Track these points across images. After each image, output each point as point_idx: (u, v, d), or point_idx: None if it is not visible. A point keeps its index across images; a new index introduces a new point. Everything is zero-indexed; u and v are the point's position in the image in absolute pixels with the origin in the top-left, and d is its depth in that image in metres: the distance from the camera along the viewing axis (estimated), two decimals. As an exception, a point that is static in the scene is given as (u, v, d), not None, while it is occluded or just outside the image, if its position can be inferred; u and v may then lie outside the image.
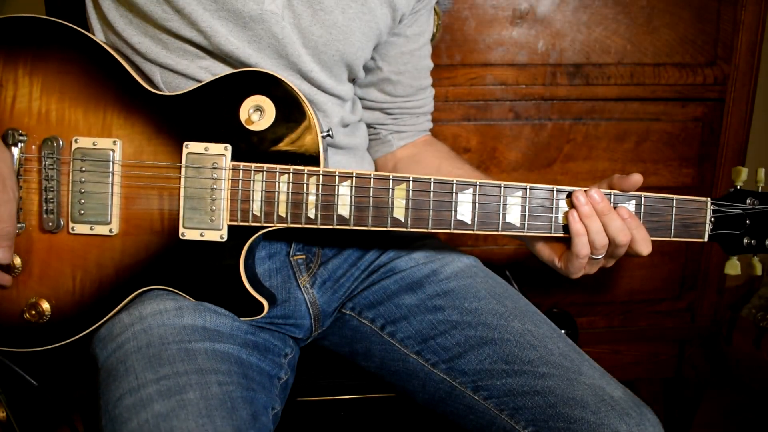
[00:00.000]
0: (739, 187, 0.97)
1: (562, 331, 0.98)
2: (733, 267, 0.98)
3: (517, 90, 1.57)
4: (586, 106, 1.60)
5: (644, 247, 0.92)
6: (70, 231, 0.91)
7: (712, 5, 1.56)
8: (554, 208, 0.93)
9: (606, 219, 0.90)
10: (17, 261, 0.92)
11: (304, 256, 1.06)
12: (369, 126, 1.19)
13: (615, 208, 0.92)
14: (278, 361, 0.98)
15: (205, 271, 0.91)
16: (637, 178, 0.93)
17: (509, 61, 1.56)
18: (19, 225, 0.91)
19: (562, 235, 0.93)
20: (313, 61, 0.98)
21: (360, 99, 1.16)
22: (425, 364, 0.98)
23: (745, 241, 0.96)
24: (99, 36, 0.99)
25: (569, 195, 0.92)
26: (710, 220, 0.95)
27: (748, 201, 0.96)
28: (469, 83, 1.56)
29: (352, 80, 1.09)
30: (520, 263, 1.69)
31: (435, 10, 1.39)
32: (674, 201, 0.94)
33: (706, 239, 0.96)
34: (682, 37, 1.58)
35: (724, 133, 1.65)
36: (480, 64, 1.55)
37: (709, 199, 0.95)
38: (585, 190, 0.91)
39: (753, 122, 1.67)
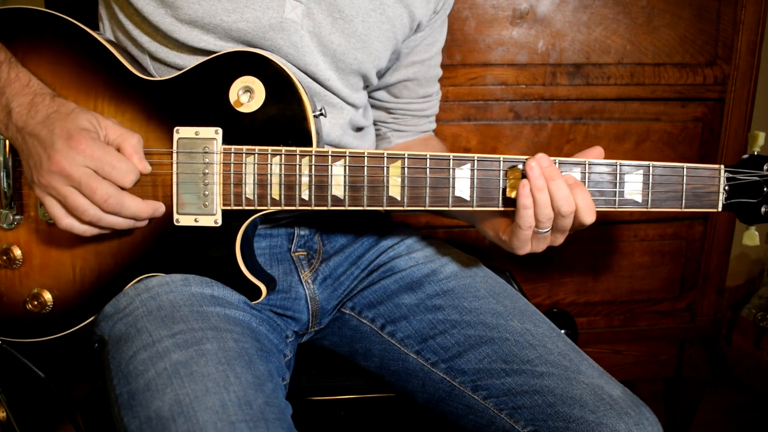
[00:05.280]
0: (755, 153, 0.90)
1: (562, 331, 0.98)
2: (751, 237, 0.93)
3: (517, 90, 1.57)
4: (586, 106, 1.60)
5: (587, 216, 0.86)
6: None
7: (712, 5, 1.56)
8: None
9: (553, 186, 0.84)
10: (18, 253, 0.92)
11: (305, 253, 1.06)
12: None
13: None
14: (282, 338, 0.99)
15: (202, 257, 0.91)
16: (598, 152, 0.89)
17: (509, 61, 1.56)
18: (17, 217, 0.91)
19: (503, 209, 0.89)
20: (330, 69, 0.97)
21: None
22: (425, 364, 0.99)
23: (764, 209, 0.90)
24: (107, 31, 0.99)
25: (513, 166, 0.87)
26: (724, 189, 0.90)
27: (765, 167, 0.90)
28: (469, 83, 1.56)
29: (365, 87, 1.09)
30: (521, 263, 1.69)
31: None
32: (684, 169, 0.89)
33: (719, 209, 0.90)
34: (682, 37, 1.57)
35: (724, 133, 1.65)
36: (480, 64, 1.55)
37: (722, 166, 0.89)
38: (534, 158, 0.85)
39: (753, 122, 1.66)
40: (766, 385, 1.94)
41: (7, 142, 0.90)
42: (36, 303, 0.92)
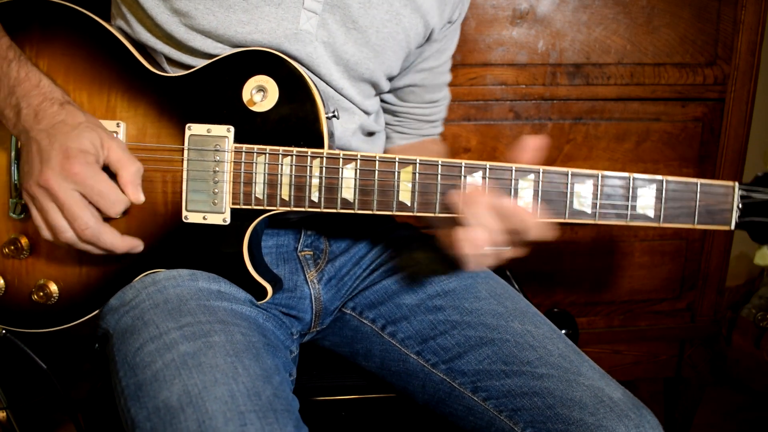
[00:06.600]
0: None
1: (562, 332, 0.98)
2: (763, 257, 0.90)
3: (517, 90, 1.57)
4: (586, 106, 1.60)
5: (547, 232, 0.84)
6: None
7: (712, 5, 1.56)
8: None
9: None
10: (25, 243, 0.92)
11: (311, 253, 1.06)
12: None
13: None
14: (288, 335, 0.99)
15: (209, 255, 0.91)
16: (531, 143, 0.84)
17: (509, 61, 1.56)
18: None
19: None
20: (343, 77, 0.97)
21: None
22: (425, 365, 0.99)
23: None
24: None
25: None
26: (738, 207, 0.87)
27: None
28: (469, 83, 1.56)
29: (377, 94, 1.08)
30: (520, 263, 1.69)
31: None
32: (699, 185, 0.86)
33: (732, 227, 0.87)
34: (682, 37, 1.58)
35: (724, 133, 1.65)
36: (480, 64, 1.55)
37: (736, 183, 0.87)
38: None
39: (753, 122, 1.67)
40: (766, 385, 1.94)
41: None
42: (41, 294, 0.92)
